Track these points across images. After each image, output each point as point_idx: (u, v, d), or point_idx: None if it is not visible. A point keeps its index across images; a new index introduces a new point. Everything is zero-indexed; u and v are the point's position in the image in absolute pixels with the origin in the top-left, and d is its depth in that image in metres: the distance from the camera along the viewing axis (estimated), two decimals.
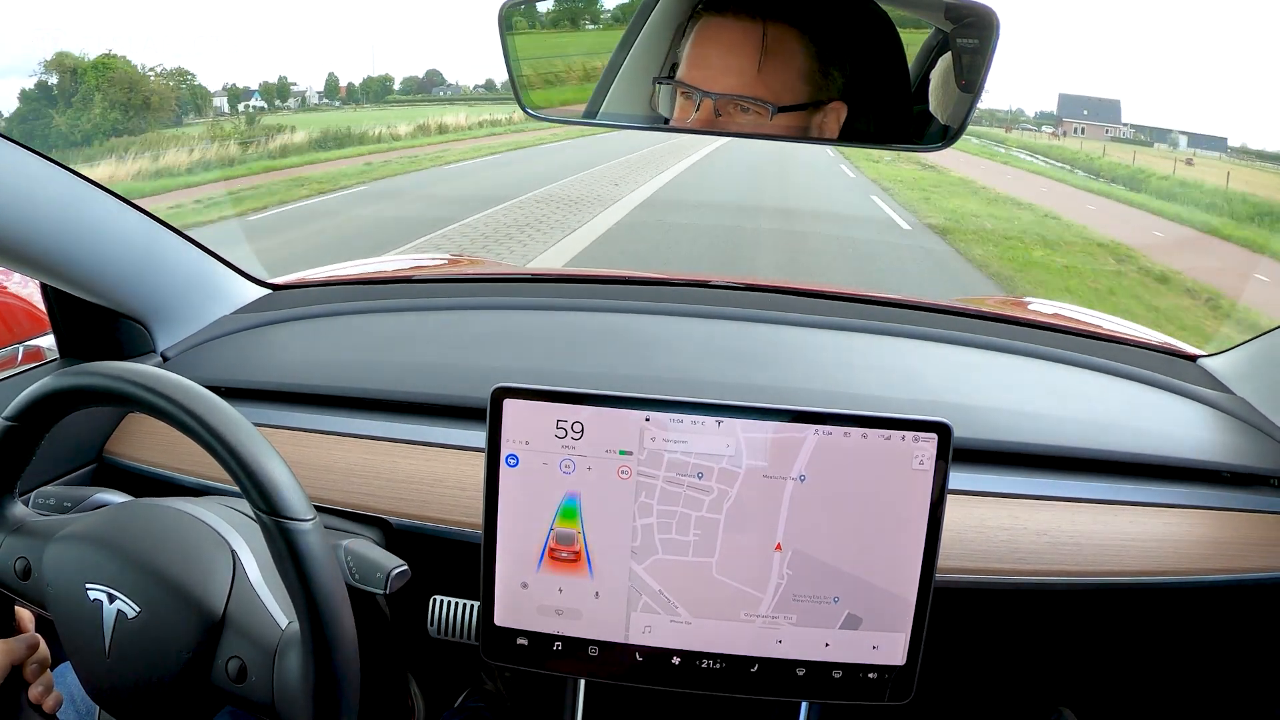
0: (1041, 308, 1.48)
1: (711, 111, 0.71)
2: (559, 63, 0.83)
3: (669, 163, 12.77)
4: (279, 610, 0.61)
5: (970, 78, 0.71)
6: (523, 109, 0.81)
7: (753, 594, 0.69)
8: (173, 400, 0.57)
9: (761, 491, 0.67)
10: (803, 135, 0.73)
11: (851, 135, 0.74)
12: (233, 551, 0.63)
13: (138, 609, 0.60)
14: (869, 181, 11.99)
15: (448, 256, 4.19)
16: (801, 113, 0.72)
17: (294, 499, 0.57)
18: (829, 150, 13.04)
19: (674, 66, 0.75)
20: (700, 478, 0.68)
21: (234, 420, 0.58)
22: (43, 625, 0.67)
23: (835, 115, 0.73)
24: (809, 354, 1.01)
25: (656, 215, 7.97)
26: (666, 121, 0.76)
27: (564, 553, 0.69)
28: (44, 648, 0.68)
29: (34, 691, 0.67)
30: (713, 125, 0.72)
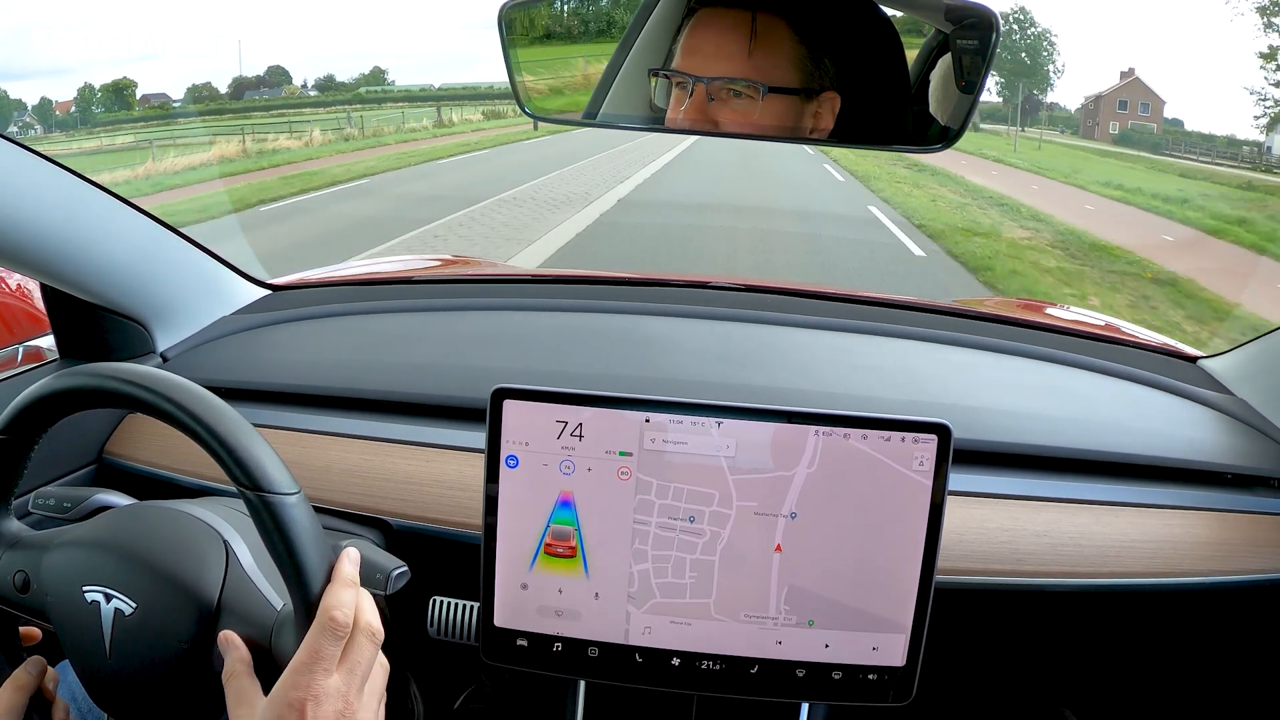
0: (1040, 308, 1.48)
1: (704, 97, 0.72)
2: (558, 64, 0.83)
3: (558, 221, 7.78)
4: (274, 594, 0.62)
5: (970, 78, 0.71)
6: (523, 110, 0.81)
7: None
8: (145, 387, 0.58)
9: (753, 531, 0.68)
10: (797, 129, 0.73)
11: (849, 135, 0.74)
12: (225, 542, 0.63)
13: (134, 605, 0.60)
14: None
15: (447, 257, 4.19)
16: (794, 100, 0.72)
17: (276, 474, 0.57)
18: (807, 150, 12.09)
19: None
20: (692, 521, 0.68)
21: (210, 401, 0.58)
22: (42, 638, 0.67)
23: (830, 106, 0.73)
24: (808, 355, 1.01)
25: None
26: (664, 120, 0.77)
27: (563, 554, 0.69)
28: (50, 670, 0.68)
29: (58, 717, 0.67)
30: (706, 115, 0.72)
